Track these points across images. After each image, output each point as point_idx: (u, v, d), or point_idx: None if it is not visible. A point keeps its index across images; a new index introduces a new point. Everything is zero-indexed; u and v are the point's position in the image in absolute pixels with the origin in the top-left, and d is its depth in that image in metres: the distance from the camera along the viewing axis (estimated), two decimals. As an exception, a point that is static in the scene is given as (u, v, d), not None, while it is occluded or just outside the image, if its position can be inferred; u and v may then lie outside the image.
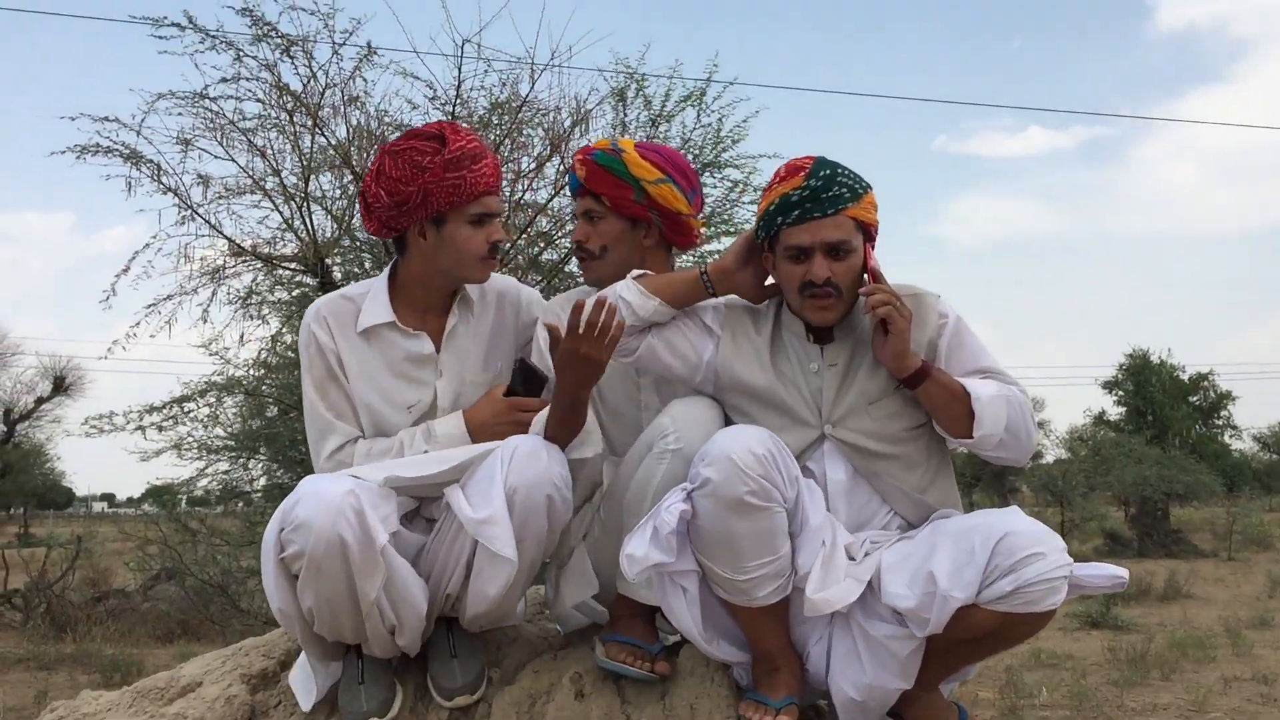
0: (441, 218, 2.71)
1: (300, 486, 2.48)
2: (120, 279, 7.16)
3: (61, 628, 10.99)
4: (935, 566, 2.39)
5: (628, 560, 2.41)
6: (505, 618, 2.73)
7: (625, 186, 2.93)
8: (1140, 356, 32.86)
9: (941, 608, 2.36)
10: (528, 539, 2.53)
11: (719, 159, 8.35)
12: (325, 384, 2.79)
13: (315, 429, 2.79)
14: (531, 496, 2.51)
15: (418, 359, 2.80)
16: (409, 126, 7.35)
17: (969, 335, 2.69)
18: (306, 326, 2.82)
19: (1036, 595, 2.33)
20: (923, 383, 2.54)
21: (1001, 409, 2.54)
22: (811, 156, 2.65)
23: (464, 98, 7.44)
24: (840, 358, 2.66)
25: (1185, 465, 23.71)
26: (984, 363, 2.65)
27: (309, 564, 2.40)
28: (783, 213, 2.61)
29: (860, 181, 2.63)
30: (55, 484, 39.62)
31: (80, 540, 14.24)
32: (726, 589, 2.49)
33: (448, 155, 2.68)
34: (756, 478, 2.38)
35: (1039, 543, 2.35)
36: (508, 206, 7.61)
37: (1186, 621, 11.41)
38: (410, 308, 2.84)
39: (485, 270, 2.79)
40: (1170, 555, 20.50)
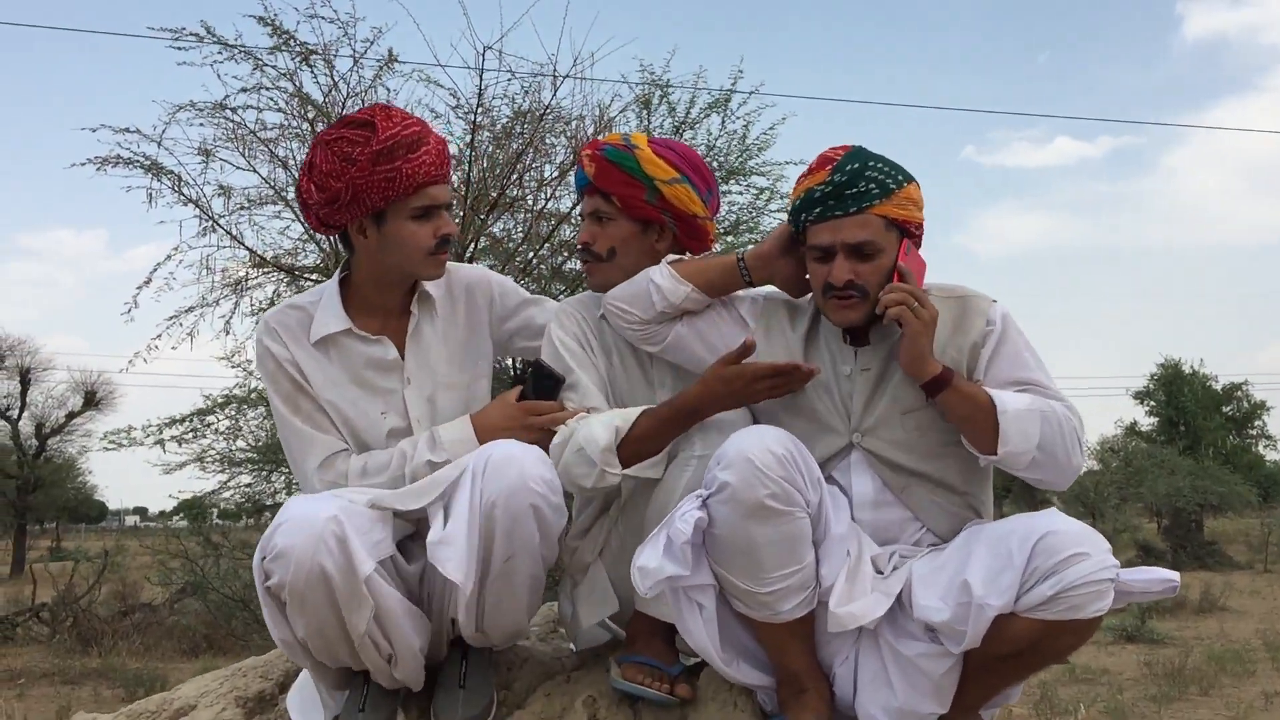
0: (381, 214, 2.50)
1: (283, 509, 2.32)
2: (142, 291, 7.16)
3: (87, 642, 10.96)
4: (970, 574, 2.22)
5: (639, 573, 2.25)
6: (515, 635, 2.57)
7: (637, 186, 2.69)
8: (1172, 367, 32.44)
9: (978, 618, 2.18)
10: (517, 553, 2.34)
11: (744, 166, 8.26)
12: (294, 397, 2.59)
13: (296, 446, 2.59)
14: (511, 506, 2.30)
15: (381, 366, 2.62)
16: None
17: (1016, 344, 2.45)
18: (259, 343, 2.62)
19: (1081, 600, 2.14)
20: (942, 390, 2.34)
21: (1033, 424, 2.31)
22: (846, 146, 2.48)
23: (486, 106, 7.38)
24: (875, 362, 2.48)
25: (1219, 476, 23.39)
26: (1025, 374, 2.42)
27: (291, 595, 2.24)
28: (806, 209, 2.45)
29: (895, 175, 2.43)
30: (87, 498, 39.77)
31: (107, 554, 14.25)
32: (747, 603, 2.33)
33: (376, 146, 2.45)
34: (777, 479, 2.23)
35: (1082, 542, 2.17)
36: (530, 216, 7.55)
37: (1223, 635, 11.20)
38: (367, 311, 2.64)
39: (436, 267, 2.59)
40: (1205, 567, 20.19)
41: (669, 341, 2.60)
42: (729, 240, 8.13)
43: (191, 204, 7.16)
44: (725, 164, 8.26)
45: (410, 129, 2.48)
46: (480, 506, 2.29)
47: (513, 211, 7.62)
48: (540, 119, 7.36)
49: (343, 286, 2.65)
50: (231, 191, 7.27)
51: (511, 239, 7.74)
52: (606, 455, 2.42)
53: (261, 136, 7.19)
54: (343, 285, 2.65)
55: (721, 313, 2.62)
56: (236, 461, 8.10)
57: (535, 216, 7.55)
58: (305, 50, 7.05)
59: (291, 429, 2.58)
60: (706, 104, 8.34)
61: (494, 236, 7.68)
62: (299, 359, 2.58)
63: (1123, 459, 25.49)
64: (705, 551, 2.31)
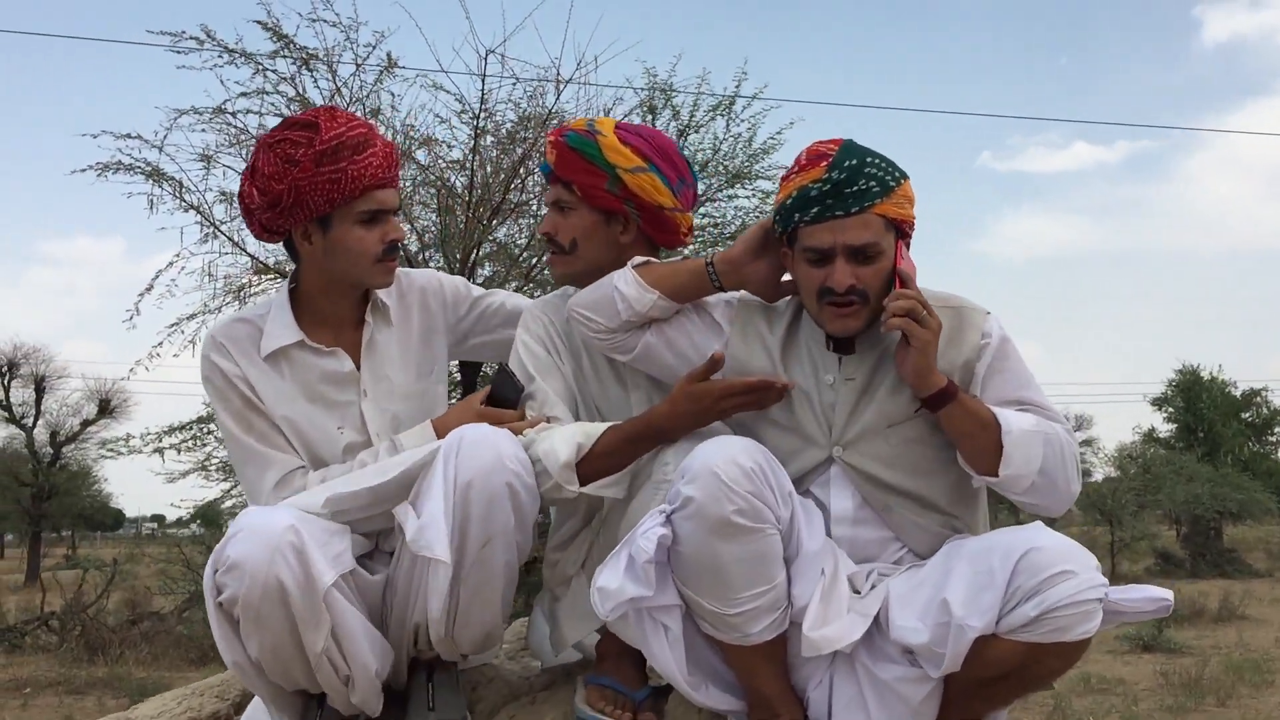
0: (326, 218, 2.40)
1: (237, 519, 2.19)
2: (144, 298, 7.15)
3: (95, 651, 10.94)
4: (949, 593, 2.07)
5: (599, 594, 2.10)
6: (489, 640, 2.41)
7: (598, 174, 2.53)
8: (1190, 372, 32.27)
9: (957, 640, 2.03)
10: (494, 537, 2.21)
11: (750, 169, 8.19)
12: (245, 415, 2.46)
13: (250, 467, 2.46)
14: (488, 486, 2.19)
15: (336, 379, 2.51)
16: (434, 140, 7.27)
17: (1013, 361, 2.32)
18: (206, 359, 2.50)
19: (1066, 621, 2.00)
20: (945, 405, 2.19)
21: (1037, 446, 2.18)
22: (838, 141, 2.31)
23: (489, 110, 7.33)
24: (860, 372, 2.32)
25: (1238, 483, 23.22)
26: (1025, 394, 2.29)
27: (245, 610, 2.11)
28: (800, 208, 2.26)
29: (893, 171, 2.27)
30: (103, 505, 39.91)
31: (116, 563, 14.23)
32: (715, 625, 2.18)
33: (319, 146, 2.34)
34: (744, 494, 2.08)
35: (1067, 559, 2.03)
36: (534, 221, 7.48)
37: (1242, 644, 11.05)
38: (319, 322, 2.52)
39: (385, 274, 2.49)
40: (1224, 575, 20.02)
41: (638, 352, 2.46)
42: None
43: (193, 210, 7.14)
44: (730, 168, 8.20)
45: (355, 130, 2.40)
46: (456, 487, 2.19)
47: (516, 217, 7.56)
48: (544, 123, 7.30)
49: (292, 297, 2.54)
50: (233, 197, 7.22)
51: (515, 244, 7.69)
52: (565, 471, 2.31)
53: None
54: (292, 296, 2.54)
55: (693, 318, 2.47)
56: (238, 469, 8.05)
57: (539, 222, 7.48)
58: (306, 55, 7.01)
59: (244, 449, 2.46)
60: (711, 107, 8.27)
61: (498, 242, 7.62)
62: (249, 375, 2.47)
63: (1141, 466, 25.34)
64: (670, 570, 2.17)
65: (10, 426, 24.06)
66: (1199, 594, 14.16)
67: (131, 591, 14.60)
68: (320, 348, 2.50)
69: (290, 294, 2.54)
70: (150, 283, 7.15)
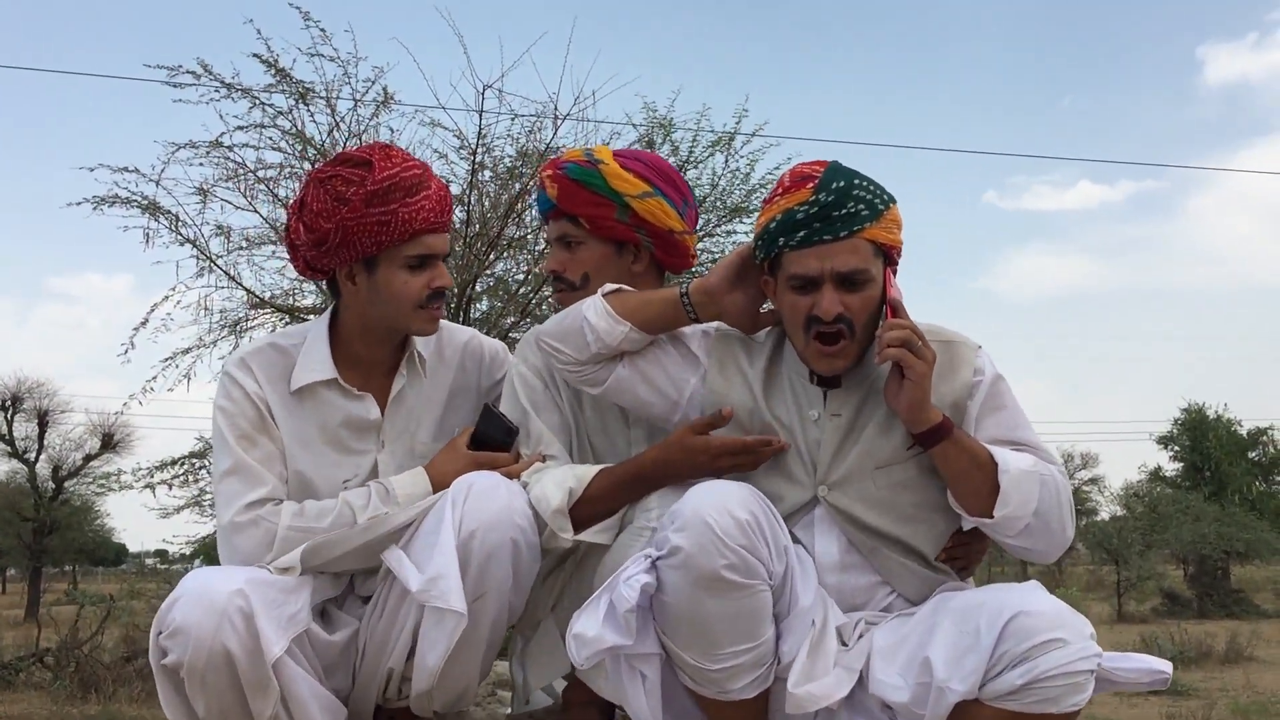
0: (372, 260, 2.31)
1: (182, 582, 2.11)
2: (139, 332, 7.12)
3: (89, 688, 10.82)
4: (933, 652, 1.96)
5: (575, 641, 1.99)
6: (463, 698, 2.32)
7: (606, 204, 2.44)
8: (1196, 411, 32.15)
9: (938, 702, 1.92)
10: (488, 592, 2.14)
11: (748, 204, 8.18)
12: (253, 435, 2.33)
13: (236, 478, 2.30)
14: (490, 539, 2.12)
15: (359, 426, 2.41)
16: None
17: (1006, 399, 2.22)
18: (227, 375, 2.39)
19: (1055, 692, 1.87)
20: (940, 442, 2.08)
21: (1033, 488, 2.08)
22: (823, 162, 2.19)
23: (487, 145, 7.33)
24: (846, 408, 2.20)
25: (1245, 522, 23.11)
26: (1019, 434, 2.19)
27: (190, 675, 2.03)
28: (785, 233, 2.13)
29: (881, 194, 2.16)
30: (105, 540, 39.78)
31: (112, 599, 14.10)
32: (695, 678, 2.05)
33: (371, 186, 2.25)
34: (737, 548, 1.94)
35: (1059, 626, 1.90)
36: (532, 256, 7.46)
37: (1250, 686, 10.90)
38: (352, 363, 2.42)
39: (428, 321, 2.39)
40: (1231, 616, 19.83)
41: (608, 385, 2.33)
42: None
43: (189, 244, 7.13)
44: (728, 203, 8.19)
45: (411, 171, 2.30)
46: (459, 536, 2.12)
47: (514, 251, 7.54)
48: (541, 158, 7.29)
49: (330, 333, 2.43)
50: (230, 231, 7.23)
51: (513, 279, 7.66)
52: (558, 518, 2.22)
53: (260, 176, 7.16)
54: (330, 331, 2.43)
55: (668, 349, 2.34)
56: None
57: (537, 257, 7.46)
58: (303, 89, 7.01)
59: (237, 461, 2.31)
60: (710, 143, 8.27)
61: (495, 276, 7.60)
62: (271, 401, 2.36)
63: (1147, 505, 25.26)
64: (651, 616, 2.05)
65: (13, 461, 24.02)
66: (1206, 635, 14.00)
67: (129, 628, 14.46)
68: (351, 390, 2.41)
69: (330, 327, 2.44)
70: (145, 317, 7.13)
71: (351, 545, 2.23)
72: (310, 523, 2.28)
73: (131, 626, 14.34)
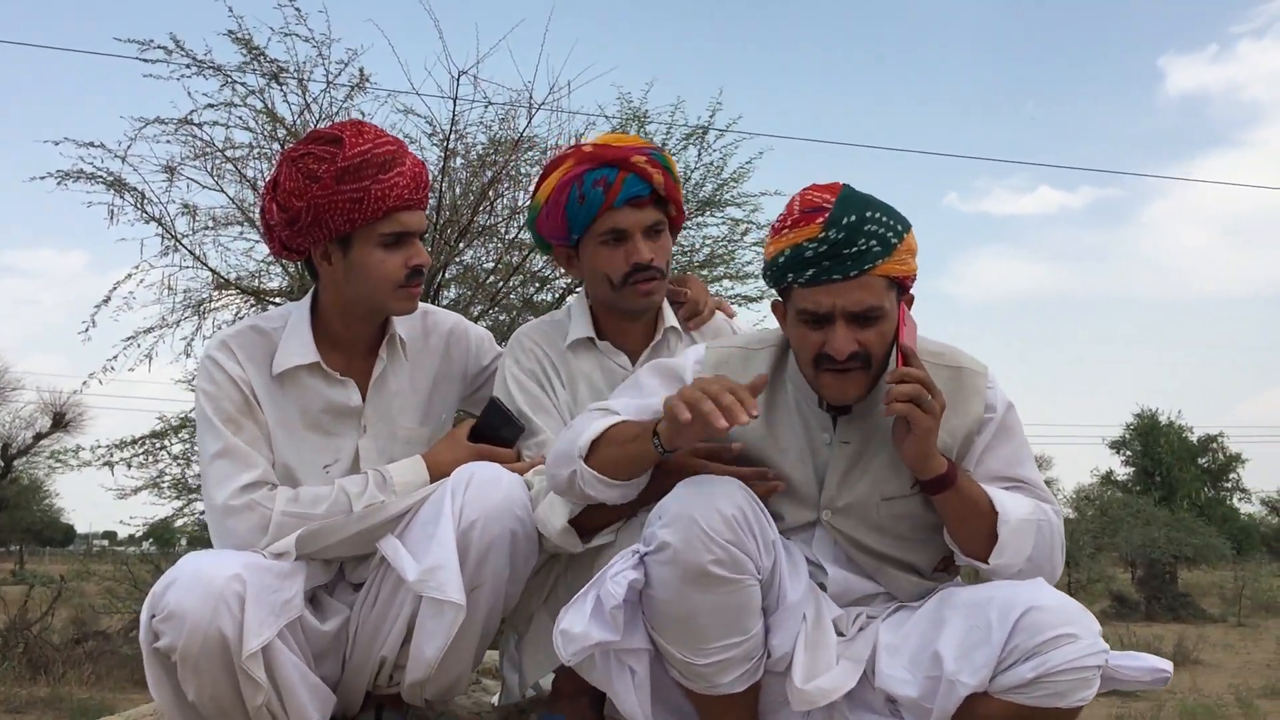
0: (347, 239, 2.27)
1: (178, 565, 2.07)
2: (101, 311, 7.02)
3: (38, 669, 10.68)
4: (942, 646, 1.96)
5: (562, 637, 1.97)
6: (455, 687, 2.31)
7: (678, 187, 2.47)
8: (1149, 417, 32.57)
9: (947, 695, 1.93)
10: (484, 583, 2.13)
11: (720, 197, 8.20)
12: (238, 419, 2.29)
13: (225, 460, 2.25)
14: (491, 529, 2.11)
15: (340, 411, 2.37)
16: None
17: (1014, 433, 2.20)
18: (209, 358, 2.33)
19: (1064, 686, 1.88)
20: (944, 490, 2.06)
21: (1029, 537, 2.08)
22: (834, 188, 2.09)
23: (460, 132, 7.28)
24: (855, 436, 2.16)
25: (1194, 527, 23.42)
26: (1020, 471, 2.17)
27: (183, 659, 2.01)
28: (794, 269, 2.05)
29: (894, 226, 2.05)
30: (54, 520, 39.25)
31: (63, 580, 13.92)
32: (684, 673, 2.05)
33: (342, 163, 2.20)
34: (724, 544, 1.93)
35: (1070, 622, 1.91)
36: (502, 245, 7.42)
37: (1196, 689, 11.08)
38: (333, 345, 2.38)
39: (407, 300, 2.34)
40: (1178, 619, 20.13)
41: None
42: (703, 274, 8.03)
43: (154, 222, 7.02)
44: (701, 195, 8.20)
45: (384, 147, 2.24)
46: (459, 525, 2.11)
47: (484, 240, 7.50)
48: (514, 147, 7.25)
49: (311, 315, 2.39)
50: (196, 211, 7.13)
51: (482, 267, 7.62)
52: (565, 536, 2.20)
53: (229, 155, 7.07)
54: (311, 313, 2.39)
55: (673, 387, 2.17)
56: (191, 488, 7.88)
57: (507, 245, 7.43)
58: (276, 68, 6.93)
59: (225, 443, 2.26)
60: (683, 135, 8.28)
61: (464, 265, 7.56)
62: (255, 386, 2.32)
63: (1098, 508, 25.50)
64: (641, 612, 2.04)
65: (-40, 438, 23.60)
66: (1154, 637, 14.20)
67: (78, 609, 14.28)
68: (333, 374, 2.36)
69: (311, 309, 2.40)
70: (108, 294, 7.02)
71: (347, 533, 2.21)
72: (305, 509, 2.26)
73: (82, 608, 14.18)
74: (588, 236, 2.43)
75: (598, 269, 2.43)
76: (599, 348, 2.50)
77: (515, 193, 7.44)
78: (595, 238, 2.42)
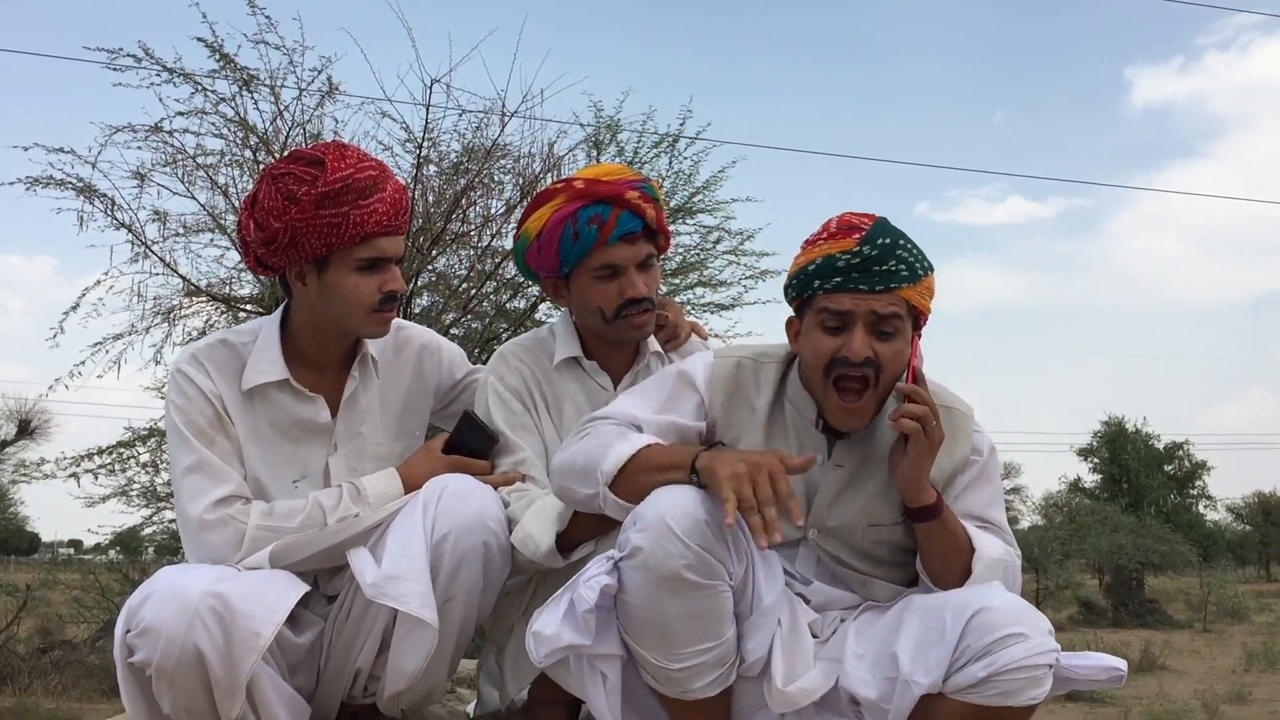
0: (324, 261, 2.26)
1: (153, 579, 2.07)
2: (69, 318, 6.97)
3: (3, 679, 10.55)
4: (899, 647, 2.01)
5: (534, 639, 1.99)
6: (431, 696, 2.33)
7: (664, 216, 2.50)
8: (1116, 424, 32.85)
9: (903, 695, 1.97)
10: (457, 596, 2.15)
11: (692, 205, 8.24)
12: (209, 433, 2.28)
13: (199, 475, 2.24)
14: (463, 542, 2.12)
15: (310, 427, 2.36)
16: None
17: (992, 478, 2.28)
18: (180, 373, 2.32)
19: (1014, 685, 1.92)
20: (930, 520, 2.11)
21: (998, 575, 2.13)
22: (872, 216, 2.17)
23: (433, 139, 7.28)
24: (849, 460, 2.21)
25: (1160, 534, 23.64)
26: (990, 514, 2.24)
27: (158, 675, 2.00)
28: (823, 276, 2.11)
29: (923, 260, 2.15)
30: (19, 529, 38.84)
31: (29, 589, 13.78)
32: (657, 678, 2.06)
33: (323, 188, 2.19)
34: (696, 549, 1.94)
35: (1019, 622, 1.95)
36: (475, 252, 7.42)
37: (1162, 695, 11.19)
38: (303, 363, 2.38)
39: (379, 325, 2.34)
40: (1145, 625, 20.32)
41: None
42: (674, 282, 8.06)
43: (124, 229, 6.97)
44: (671, 203, 8.23)
45: (366, 172, 2.23)
46: (431, 538, 2.11)
47: (457, 247, 7.50)
48: (488, 155, 7.26)
49: (281, 331, 2.38)
50: (167, 217, 7.09)
51: (455, 275, 7.62)
52: (550, 557, 2.22)
53: (200, 162, 7.04)
54: (282, 329, 2.39)
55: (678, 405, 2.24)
56: (160, 496, 7.83)
57: (480, 253, 7.43)
58: (247, 76, 6.91)
59: (198, 458, 2.25)
60: (654, 144, 8.32)
61: (437, 272, 7.55)
62: (226, 400, 2.31)
63: (1066, 515, 25.69)
64: (615, 617, 2.05)
65: (-77, 445, 23.34)
66: (1120, 643, 14.34)
67: (44, 619, 14.14)
68: (303, 391, 2.36)
69: (281, 325, 2.39)
70: (76, 301, 6.97)
71: (320, 546, 2.21)
72: (280, 522, 2.25)
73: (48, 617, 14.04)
74: (579, 270, 2.44)
75: (589, 302, 2.45)
76: (584, 368, 2.51)
77: (488, 200, 7.44)
78: (588, 272, 2.43)
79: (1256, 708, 10.49)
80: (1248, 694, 11.22)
